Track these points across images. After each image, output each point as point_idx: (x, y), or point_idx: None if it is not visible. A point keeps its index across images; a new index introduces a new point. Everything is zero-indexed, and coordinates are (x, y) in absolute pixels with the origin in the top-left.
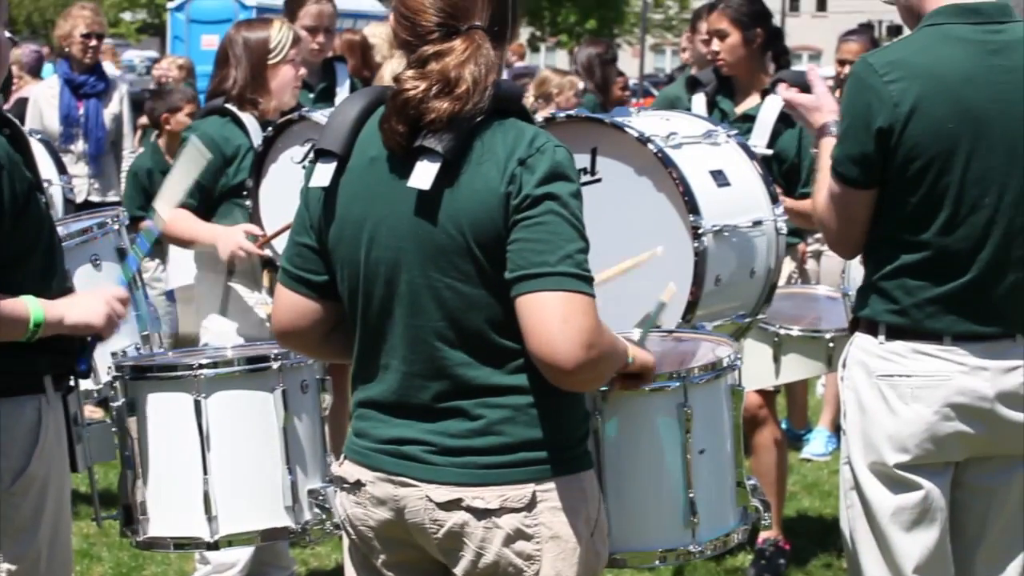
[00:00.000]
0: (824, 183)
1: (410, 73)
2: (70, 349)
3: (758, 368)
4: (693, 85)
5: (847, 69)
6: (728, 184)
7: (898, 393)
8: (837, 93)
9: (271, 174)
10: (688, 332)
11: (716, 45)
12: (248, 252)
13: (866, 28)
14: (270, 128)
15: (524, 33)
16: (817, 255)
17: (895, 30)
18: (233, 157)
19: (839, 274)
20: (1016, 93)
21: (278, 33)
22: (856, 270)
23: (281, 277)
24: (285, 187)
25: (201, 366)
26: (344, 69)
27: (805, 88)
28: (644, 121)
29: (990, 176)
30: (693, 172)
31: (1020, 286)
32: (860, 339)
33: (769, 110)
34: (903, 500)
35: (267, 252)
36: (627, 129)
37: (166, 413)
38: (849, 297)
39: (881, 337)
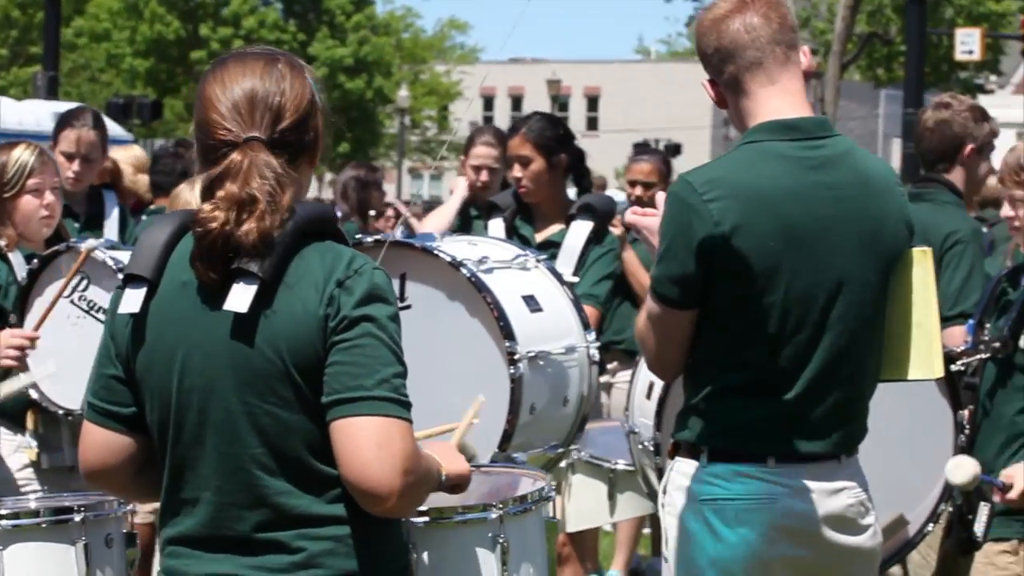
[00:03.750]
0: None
1: (206, 207)
2: None
3: (592, 505)
4: (490, 210)
5: (637, 190)
6: (540, 310)
7: (722, 517)
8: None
9: (37, 308)
10: (501, 466)
11: (518, 171)
12: (19, 347)
13: (644, 147)
14: (35, 260)
15: None
16: (608, 387)
17: (673, 148)
18: None
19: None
20: (840, 208)
21: (15, 163)
22: (640, 405)
23: (88, 413)
24: (54, 321)
25: (4, 516)
26: (112, 197)
27: (611, 214)
28: (453, 246)
29: (815, 293)
30: (506, 297)
31: (844, 405)
32: (681, 463)
33: (576, 236)
34: None
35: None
36: (438, 254)
37: None
38: (636, 435)
39: (703, 460)
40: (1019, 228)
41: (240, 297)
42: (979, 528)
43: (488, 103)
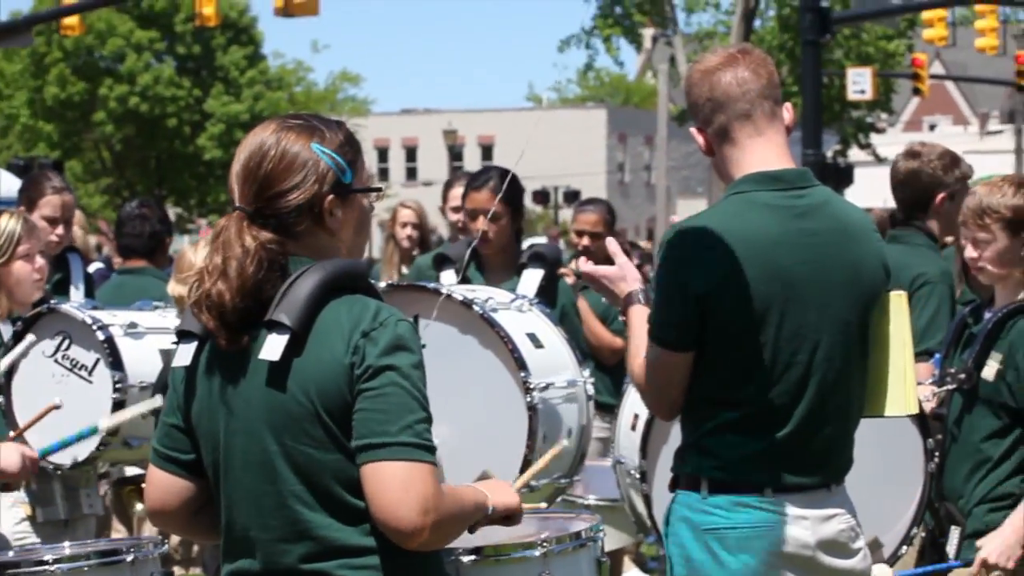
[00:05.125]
0: (640, 349)
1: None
2: None
3: None
4: (441, 262)
5: (585, 240)
6: (542, 346)
7: (724, 545)
8: (573, 263)
9: (22, 369)
10: (557, 512)
11: (484, 224)
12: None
13: (542, 195)
14: (19, 322)
15: (171, 215)
16: None
17: (572, 196)
18: None
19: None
20: (822, 253)
21: (4, 230)
22: (626, 436)
23: (152, 457)
24: (37, 382)
25: (56, 560)
26: (78, 260)
27: (559, 262)
28: (457, 289)
29: (803, 333)
30: (514, 332)
31: (835, 437)
32: (682, 495)
33: (528, 285)
34: None
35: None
36: (450, 293)
37: None
38: (622, 464)
39: (704, 492)
40: (982, 269)
41: (273, 347)
42: (951, 550)
43: (383, 155)
